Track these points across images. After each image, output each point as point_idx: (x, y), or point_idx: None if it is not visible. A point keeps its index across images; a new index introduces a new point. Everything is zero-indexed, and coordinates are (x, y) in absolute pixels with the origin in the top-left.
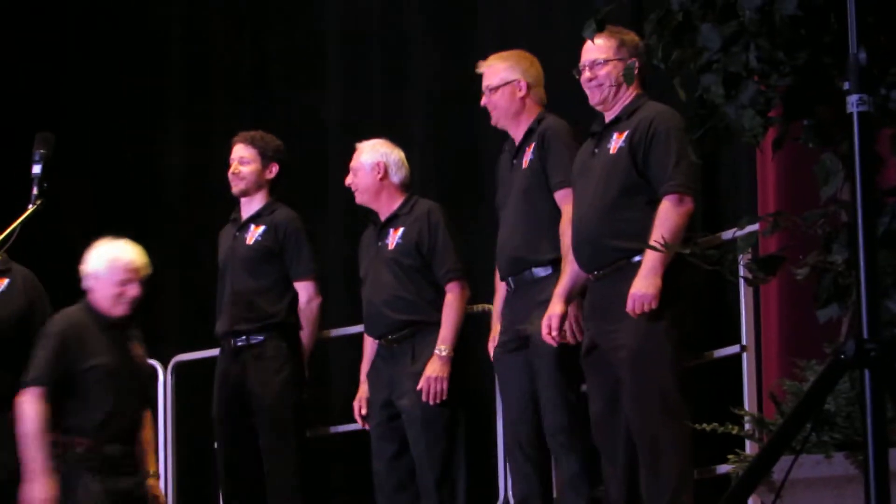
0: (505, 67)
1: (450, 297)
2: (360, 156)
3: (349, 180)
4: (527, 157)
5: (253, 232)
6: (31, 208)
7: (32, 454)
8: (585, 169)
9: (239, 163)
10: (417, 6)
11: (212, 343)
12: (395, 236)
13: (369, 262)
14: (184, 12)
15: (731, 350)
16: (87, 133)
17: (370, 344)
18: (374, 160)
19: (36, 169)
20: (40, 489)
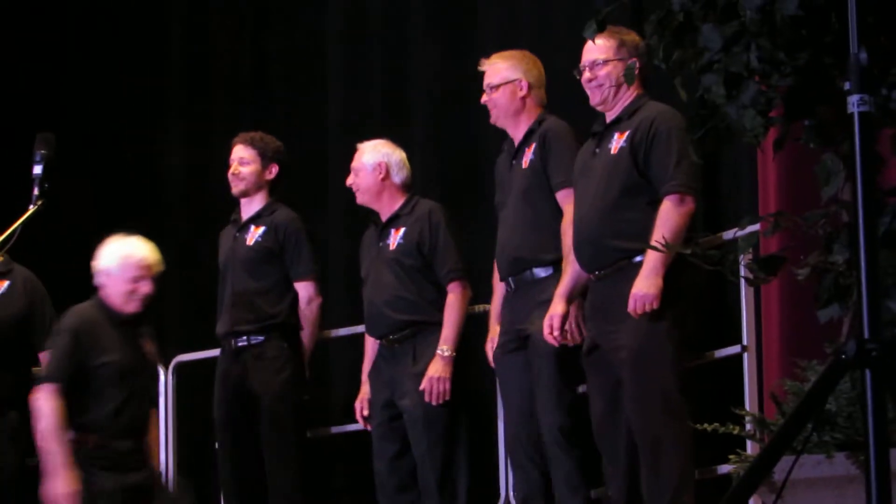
0: (507, 66)
1: (451, 298)
2: (362, 156)
3: (350, 181)
4: (527, 158)
5: (253, 233)
6: (32, 209)
7: (52, 449)
8: (586, 169)
9: (239, 163)
10: (417, 6)
11: (212, 343)
12: (397, 236)
13: (370, 263)
14: (184, 12)
15: (732, 350)
16: (87, 133)
17: (371, 344)
18: (376, 160)
19: (37, 169)
20: (63, 484)
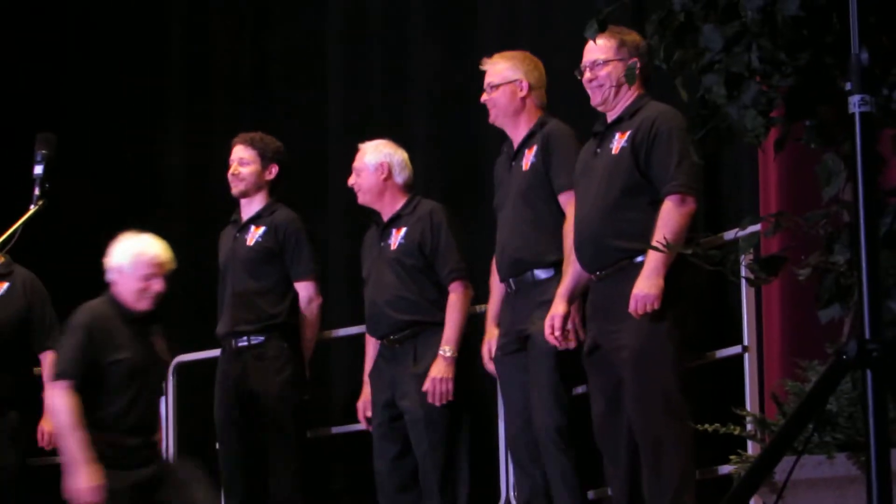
0: (508, 66)
1: (453, 298)
2: (364, 156)
3: (352, 181)
4: (527, 159)
5: (253, 233)
6: (33, 209)
7: (71, 445)
8: (588, 169)
9: (238, 164)
10: (417, 6)
11: (213, 344)
12: (398, 236)
13: (372, 263)
14: (184, 12)
15: (733, 350)
16: (87, 133)
17: (372, 344)
18: (378, 161)
19: (38, 169)
20: (86, 478)
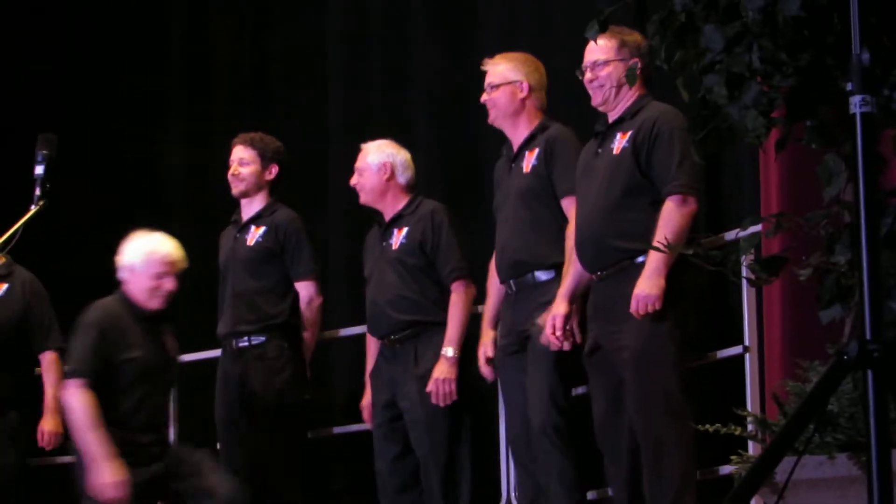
0: (509, 67)
1: (454, 297)
2: (367, 156)
3: (354, 180)
4: (528, 162)
5: (253, 233)
6: (34, 209)
7: (90, 442)
8: (589, 169)
9: (238, 164)
10: (418, 6)
11: (213, 344)
12: (400, 236)
13: (374, 263)
14: (184, 12)
15: (734, 351)
16: (87, 133)
17: (373, 345)
18: (381, 161)
19: (38, 170)
20: (108, 473)
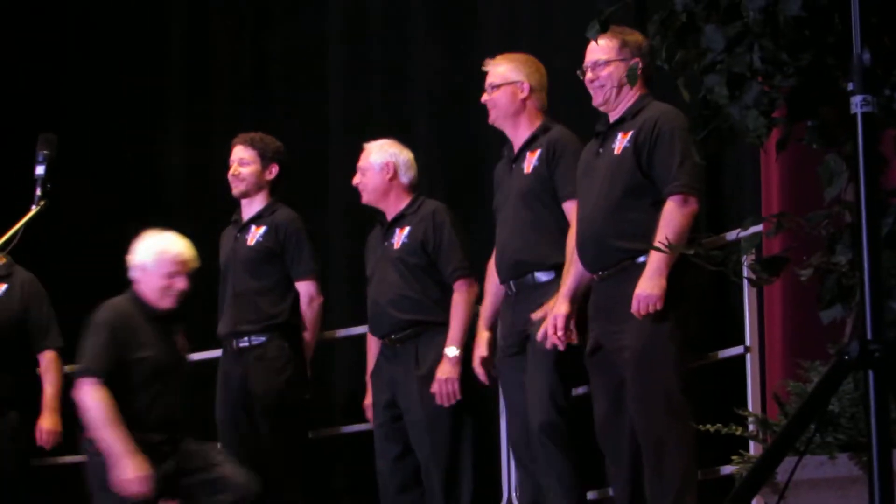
0: (510, 68)
1: (457, 296)
2: (369, 156)
3: (357, 180)
4: (529, 162)
5: (254, 233)
6: (35, 209)
7: (110, 439)
8: (590, 169)
9: (239, 164)
10: (418, 6)
11: (214, 344)
12: (401, 236)
13: (375, 262)
14: (184, 12)
15: (735, 351)
16: (87, 133)
17: (374, 345)
18: (384, 160)
19: (39, 170)
20: (131, 469)
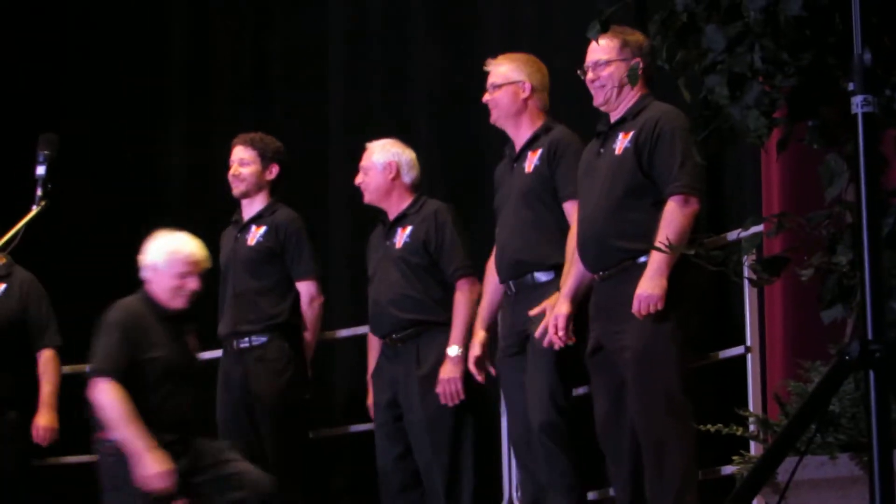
0: (511, 68)
1: (459, 295)
2: (372, 155)
3: (359, 179)
4: (531, 162)
5: (254, 233)
6: (35, 209)
7: (129, 437)
8: (591, 169)
9: (239, 164)
10: (418, 6)
11: (214, 344)
12: (403, 235)
13: (377, 262)
14: (184, 12)
15: (736, 351)
16: (87, 133)
17: (375, 344)
18: (387, 160)
19: (40, 170)
20: (153, 464)
